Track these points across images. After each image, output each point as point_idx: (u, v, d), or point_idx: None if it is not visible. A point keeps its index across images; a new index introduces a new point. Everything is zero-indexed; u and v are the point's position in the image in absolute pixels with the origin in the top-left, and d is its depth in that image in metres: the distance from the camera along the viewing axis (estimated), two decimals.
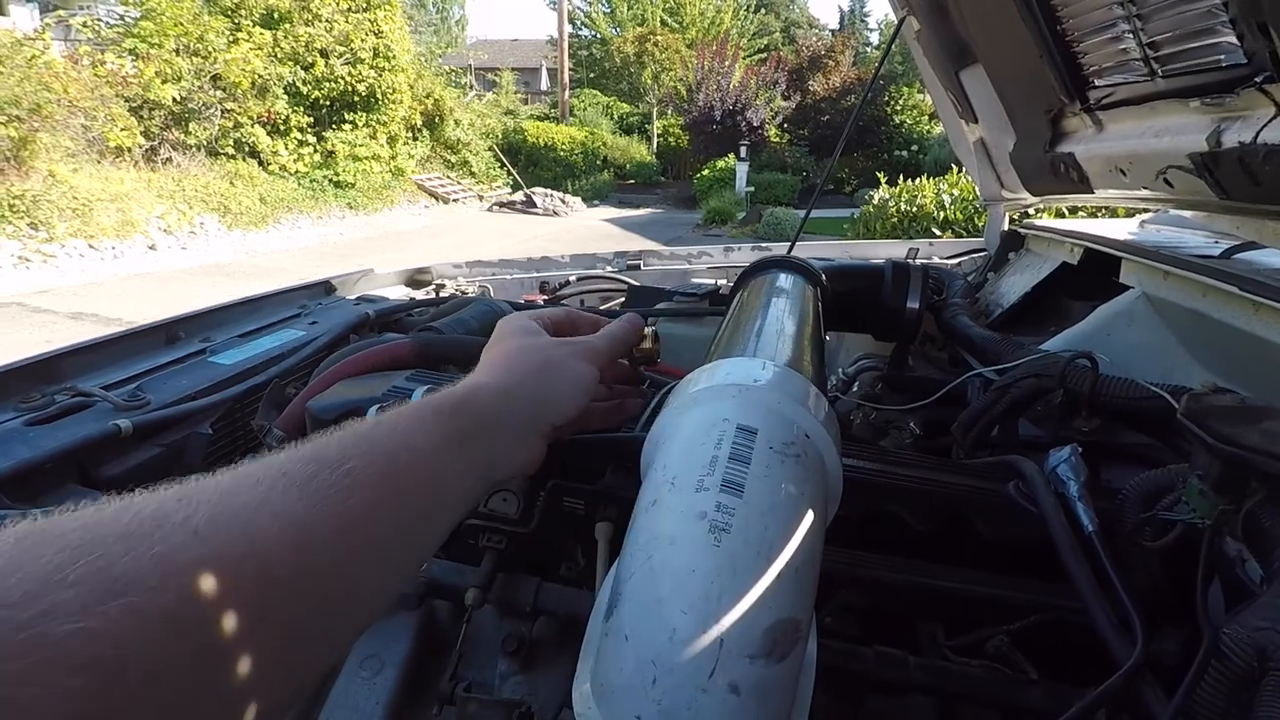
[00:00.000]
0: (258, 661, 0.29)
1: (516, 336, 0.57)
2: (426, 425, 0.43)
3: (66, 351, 0.97)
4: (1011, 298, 1.34)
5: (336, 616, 0.35)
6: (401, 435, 0.41)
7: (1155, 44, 0.91)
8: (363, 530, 0.36)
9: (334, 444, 0.38)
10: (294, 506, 0.33)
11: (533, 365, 0.54)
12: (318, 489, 0.35)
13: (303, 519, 0.33)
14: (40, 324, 5.92)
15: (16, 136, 7.90)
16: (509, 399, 0.50)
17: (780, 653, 0.39)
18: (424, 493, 0.41)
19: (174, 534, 0.28)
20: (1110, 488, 0.65)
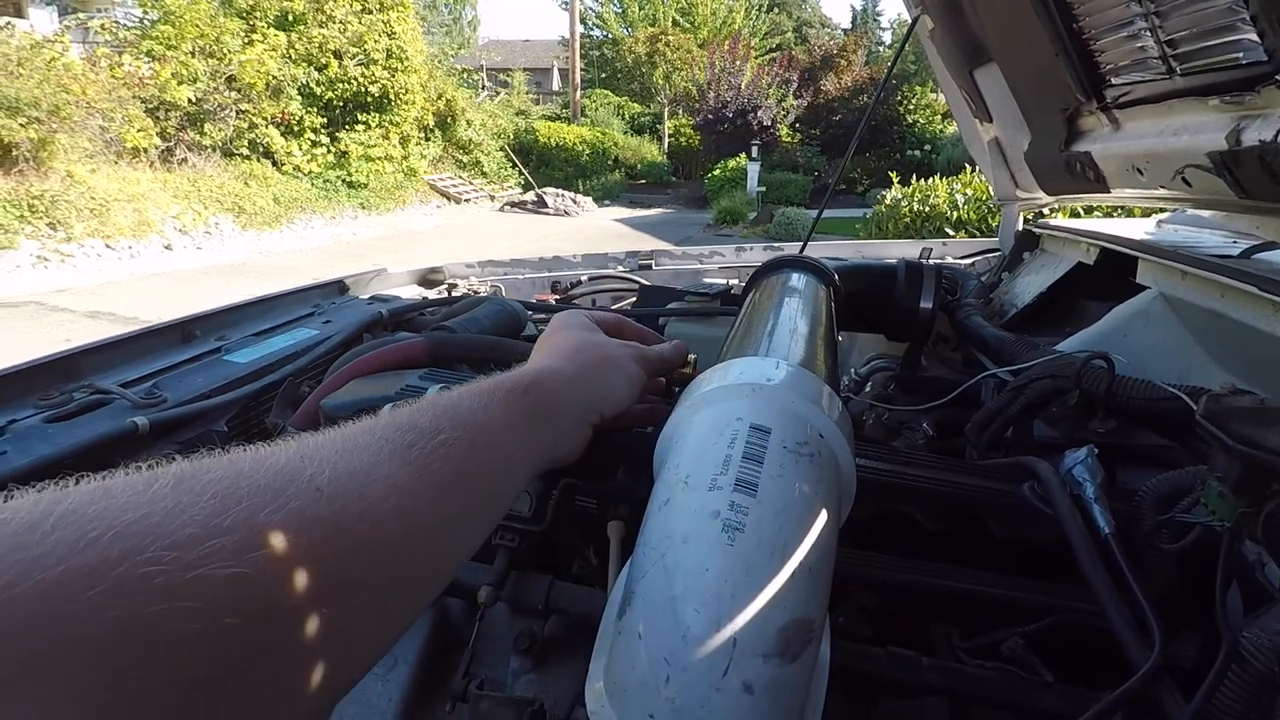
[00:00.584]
0: (363, 615, 0.31)
1: (577, 330, 0.61)
2: (502, 404, 0.45)
3: (85, 350, 0.98)
4: (1026, 298, 1.33)
5: (422, 580, 0.37)
6: (482, 411, 0.43)
7: (1173, 42, 0.90)
8: (453, 499, 0.38)
9: (427, 414, 0.40)
10: (398, 473, 0.35)
11: (594, 358, 0.57)
12: (416, 457, 0.37)
13: (405, 486, 0.35)
14: (58, 323, 6.00)
15: (36, 138, 8.01)
16: (573, 386, 0.53)
17: (794, 652, 0.39)
18: (500, 468, 0.44)
19: (303, 491, 0.29)
20: (1127, 489, 0.64)
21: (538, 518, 0.59)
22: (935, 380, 1.08)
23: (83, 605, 0.21)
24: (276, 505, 0.28)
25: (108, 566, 0.22)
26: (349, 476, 0.32)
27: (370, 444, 0.36)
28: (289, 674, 0.27)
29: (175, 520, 0.24)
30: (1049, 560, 0.62)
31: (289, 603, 0.27)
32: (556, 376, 0.52)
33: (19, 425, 0.79)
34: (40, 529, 0.22)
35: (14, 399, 0.86)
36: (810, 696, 0.41)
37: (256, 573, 0.25)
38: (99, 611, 0.21)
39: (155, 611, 0.22)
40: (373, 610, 0.32)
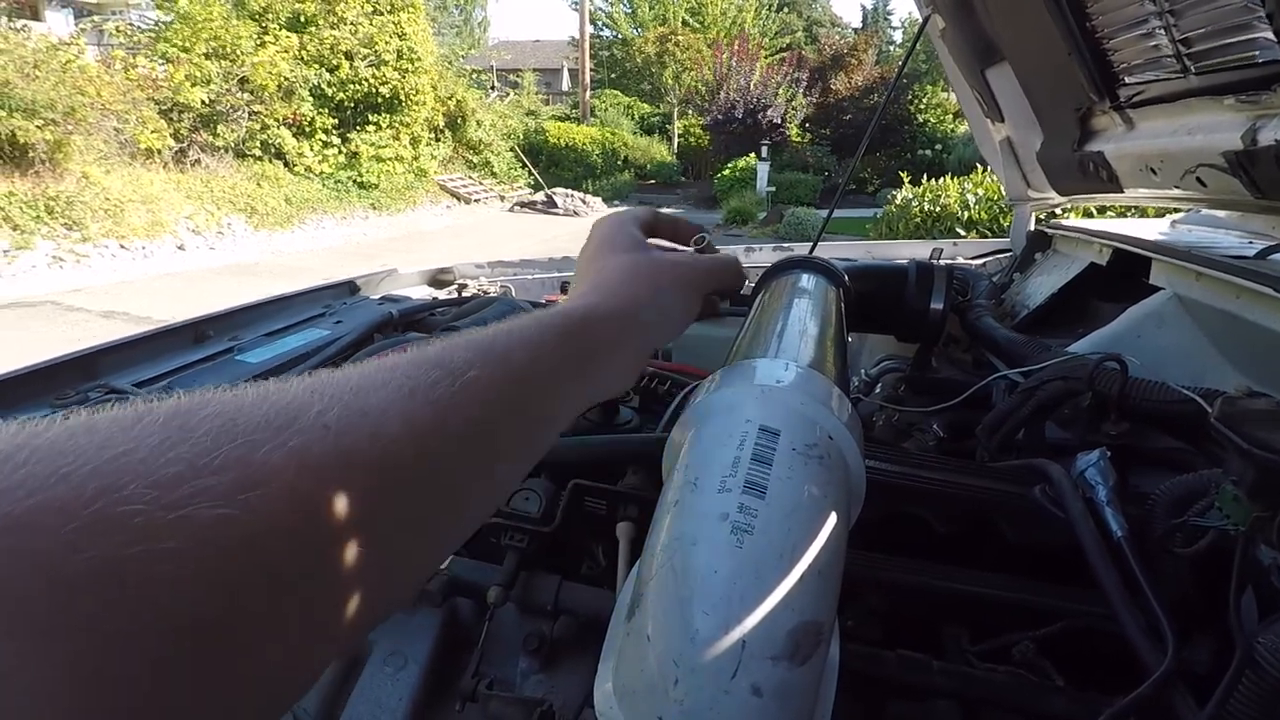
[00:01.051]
0: (375, 558, 0.29)
1: (625, 251, 0.56)
2: (547, 344, 0.43)
3: (99, 350, 0.99)
4: (1038, 299, 1.32)
5: (441, 526, 0.36)
6: (522, 350, 0.41)
7: (1188, 40, 0.89)
8: (480, 442, 0.37)
9: (460, 351, 0.38)
10: (419, 411, 0.33)
11: (647, 291, 0.53)
12: (441, 395, 0.35)
13: (424, 425, 0.33)
14: (73, 322, 6.06)
15: (52, 139, 8.10)
16: (624, 325, 0.50)
17: (803, 655, 0.39)
18: (540, 409, 0.42)
19: (308, 428, 0.27)
20: (1139, 493, 0.63)
21: (547, 519, 0.59)
22: (946, 382, 1.08)
23: (54, 543, 0.20)
24: (277, 443, 0.26)
25: (81, 504, 0.21)
26: (361, 415, 0.30)
27: (390, 380, 0.33)
28: (285, 621, 0.26)
29: (161, 458, 0.23)
30: (1060, 563, 0.62)
31: (283, 548, 0.25)
32: (606, 316, 0.49)
33: None
34: (12, 461, 0.21)
35: (30, 398, 0.87)
36: (819, 699, 0.41)
37: (246, 514, 0.24)
38: (71, 550, 0.20)
39: (134, 553, 0.21)
40: (384, 556, 0.30)
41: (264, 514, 0.24)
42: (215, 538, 0.23)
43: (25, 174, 8.10)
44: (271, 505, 0.25)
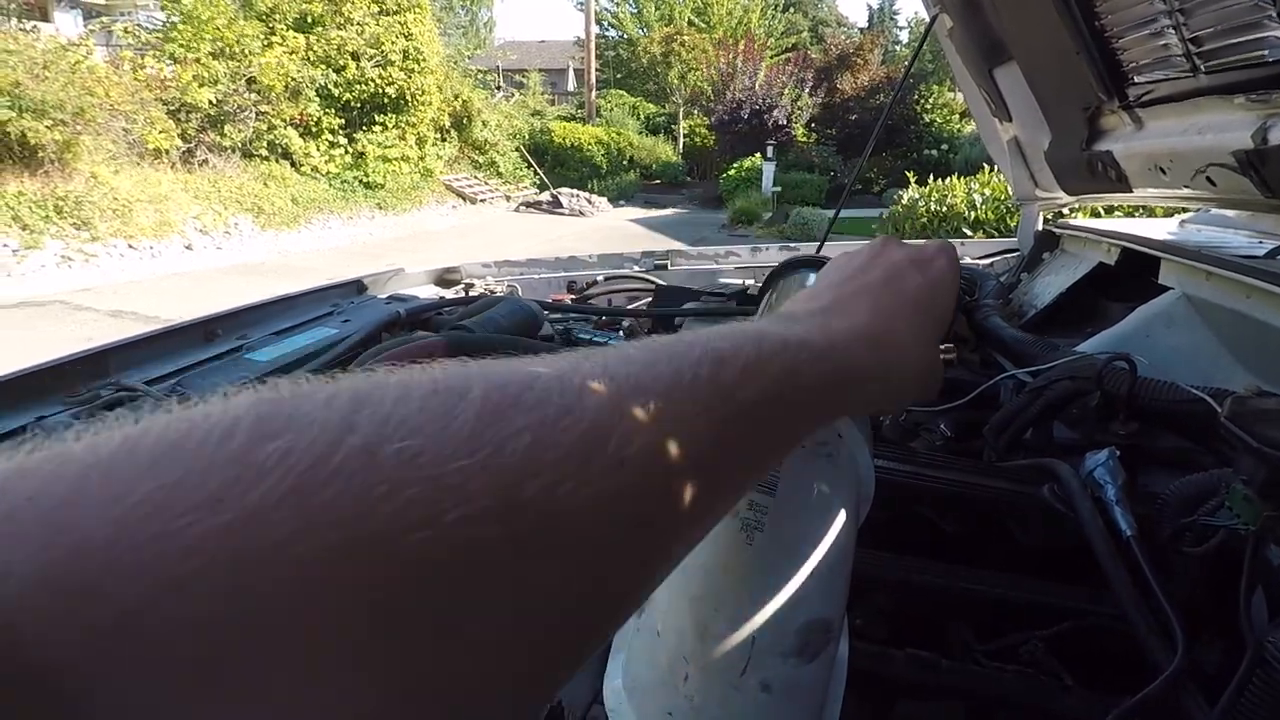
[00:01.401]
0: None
1: (917, 313, 0.46)
2: (799, 377, 0.34)
3: (110, 348, 1.00)
4: (1046, 298, 1.32)
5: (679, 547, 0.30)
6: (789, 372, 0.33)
7: (1198, 39, 0.89)
8: (735, 482, 0.32)
9: (755, 383, 0.31)
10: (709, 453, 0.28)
11: (918, 373, 0.44)
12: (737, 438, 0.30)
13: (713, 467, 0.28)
14: (82, 321, 6.10)
15: (61, 139, 8.15)
16: (884, 395, 0.42)
17: (812, 652, 0.39)
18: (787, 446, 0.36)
19: (607, 465, 0.24)
20: (1148, 492, 0.63)
21: None
22: (953, 381, 1.07)
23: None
24: (581, 478, 0.22)
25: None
26: (660, 452, 0.26)
27: (688, 414, 0.28)
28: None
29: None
30: (1068, 563, 0.62)
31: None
32: (869, 381, 0.39)
33: (47, 422, 0.81)
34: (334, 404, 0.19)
35: (41, 395, 0.87)
36: (828, 697, 0.41)
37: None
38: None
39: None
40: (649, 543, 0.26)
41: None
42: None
43: (35, 174, 8.16)
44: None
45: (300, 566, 0.16)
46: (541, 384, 0.24)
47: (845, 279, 0.46)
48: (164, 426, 0.18)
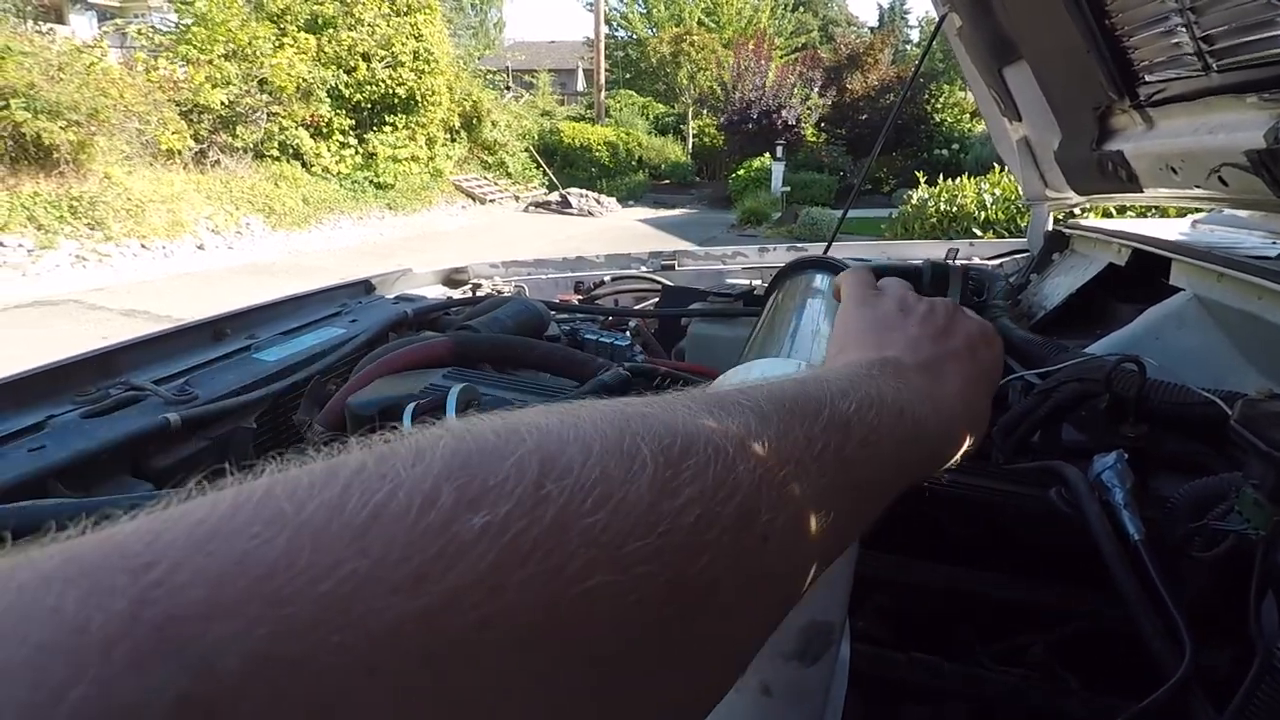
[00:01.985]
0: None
1: (992, 388, 0.46)
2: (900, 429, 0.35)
3: (120, 347, 1.01)
4: (1055, 299, 1.31)
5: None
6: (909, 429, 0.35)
7: (1210, 38, 0.88)
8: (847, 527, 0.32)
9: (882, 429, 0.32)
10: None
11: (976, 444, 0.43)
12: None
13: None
14: (96, 320, 6.16)
15: (76, 140, 8.23)
16: (938, 449, 0.40)
17: (813, 654, 0.38)
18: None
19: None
20: (1157, 496, 0.63)
21: None
22: None
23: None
24: (734, 554, 0.23)
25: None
26: (798, 519, 0.26)
27: (818, 489, 0.28)
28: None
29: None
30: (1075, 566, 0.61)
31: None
32: (958, 440, 0.40)
33: (58, 420, 0.82)
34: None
35: (53, 394, 0.88)
36: (829, 700, 0.41)
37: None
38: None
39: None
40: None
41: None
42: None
43: (50, 175, 8.24)
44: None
45: (490, 654, 0.16)
46: (699, 447, 0.23)
47: (932, 336, 0.45)
48: (364, 484, 0.17)
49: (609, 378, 0.71)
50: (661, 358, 1.29)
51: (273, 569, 0.15)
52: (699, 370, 0.95)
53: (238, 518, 0.16)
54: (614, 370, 0.73)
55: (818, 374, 0.36)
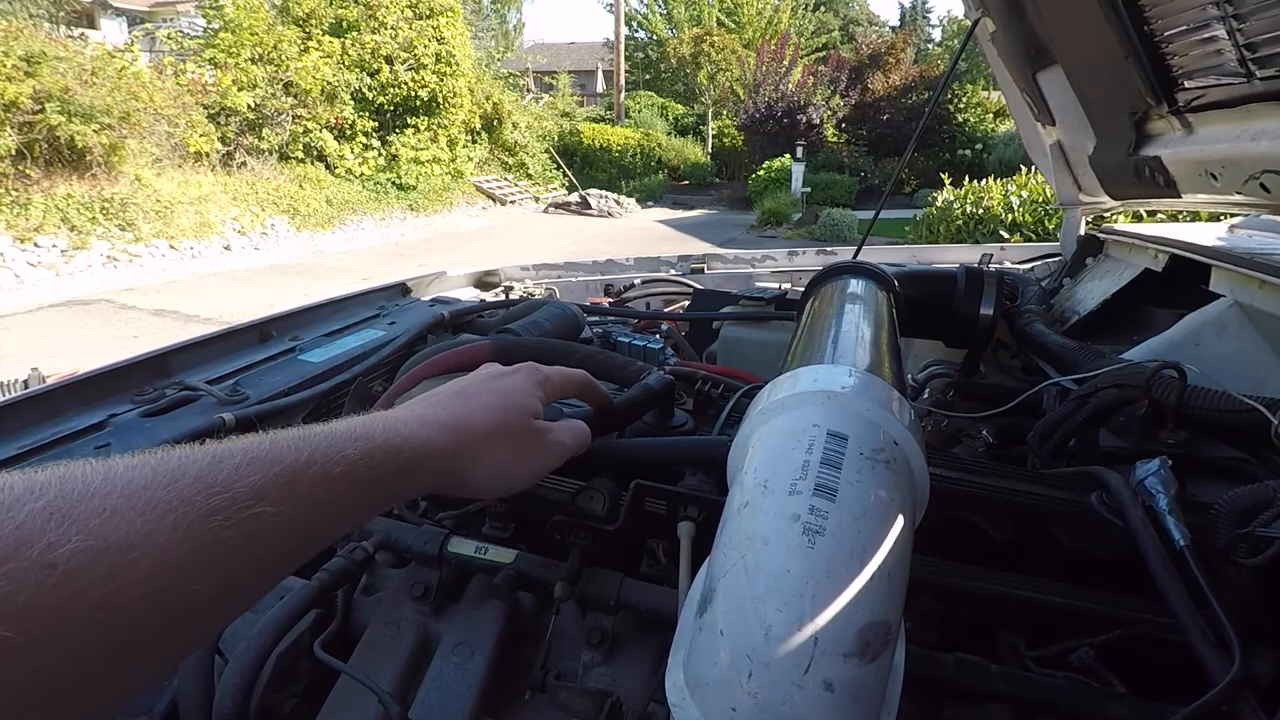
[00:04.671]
0: (81, 704, 0.27)
1: (510, 412, 0.55)
2: (358, 488, 0.40)
3: (172, 349, 1.04)
4: (1089, 304, 1.31)
5: (162, 662, 0.33)
6: (327, 491, 0.38)
7: (1253, 45, 0.87)
8: (237, 584, 0.34)
9: (255, 475, 0.35)
10: (176, 547, 0.30)
11: (502, 458, 0.52)
12: (212, 530, 0.32)
13: (180, 564, 0.30)
14: (127, 320, 6.28)
15: (107, 143, 8.39)
16: (448, 479, 0.49)
17: (873, 653, 0.40)
18: (306, 551, 0.39)
19: (29, 568, 0.25)
20: (1199, 502, 0.63)
21: (611, 517, 0.61)
22: (995, 388, 1.07)
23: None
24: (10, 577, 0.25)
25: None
26: (100, 552, 0.27)
27: (160, 502, 0.30)
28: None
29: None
30: (1115, 572, 0.62)
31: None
32: (439, 465, 0.47)
33: (119, 419, 0.85)
34: None
35: (112, 394, 0.92)
36: (886, 699, 0.42)
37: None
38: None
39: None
40: (92, 697, 0.28)
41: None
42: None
43: (83, 177, 8.42)
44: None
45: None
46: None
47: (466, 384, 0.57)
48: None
49: (654, 382, 0.73)
50: (693, 360, 1.31)
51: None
52: (733, 374, 0.96)
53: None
54: (659, 374, 0.75)
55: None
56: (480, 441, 0.51)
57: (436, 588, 0.65)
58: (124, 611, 0.28)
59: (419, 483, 0.47)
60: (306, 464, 0.38)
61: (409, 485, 0.46)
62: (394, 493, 0.45)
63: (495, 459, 0.51)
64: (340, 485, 0.39)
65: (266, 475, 0.35)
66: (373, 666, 0.61)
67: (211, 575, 0.32)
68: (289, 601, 0.60)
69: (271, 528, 0.35)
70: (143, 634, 0.29)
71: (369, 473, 0.41)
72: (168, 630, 0.30)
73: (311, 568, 0.63)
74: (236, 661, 0.56)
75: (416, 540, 0.65)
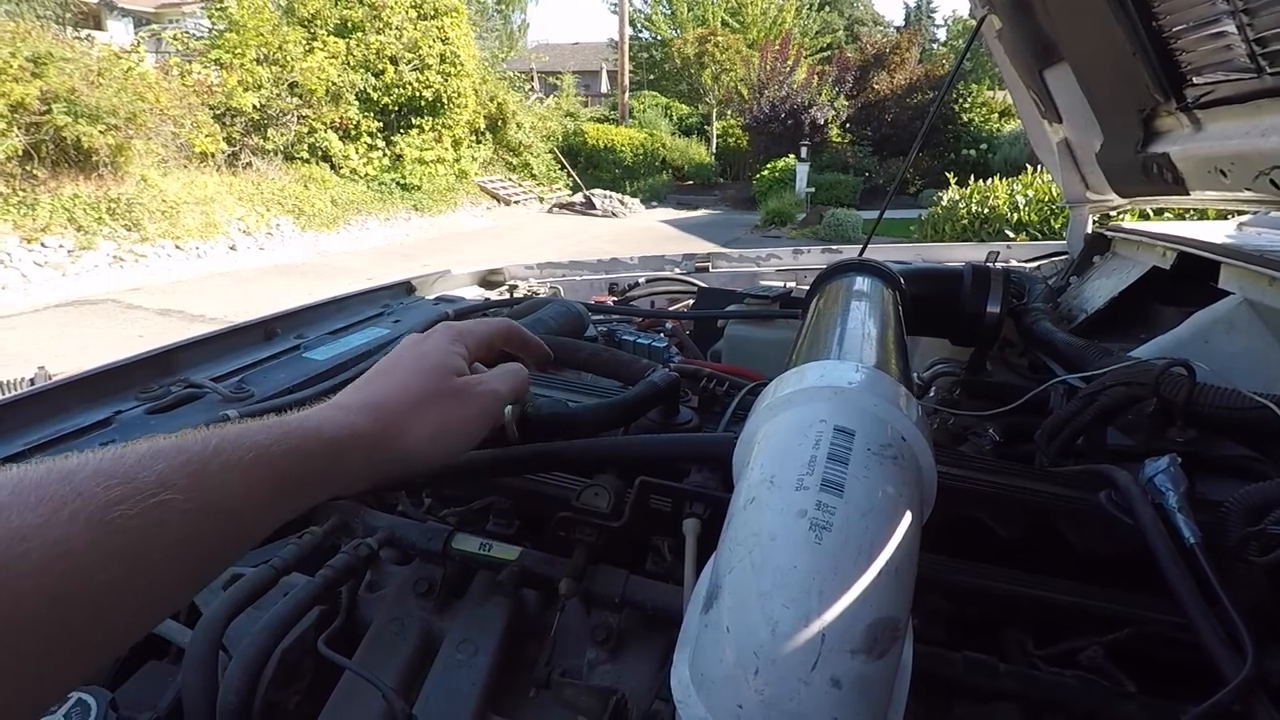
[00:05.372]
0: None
1: (426, 375, 0.54)
2: (257, 467, 0.39)
3: (178, 347, 1.04)
4: (1097, 302, 1.30)
5: (79, 656, 0.31)
6: (228, 473, 0.37)
7: (1263, 40, 0.87)
8: (155, 574, 0.33)
9: (159, 463, 0.34)
10: (75, 541, 0.29)
11: (431, 425, 0.51)
12: (114, 520, 0.30)
13: (81, 558, 0.29)
14: (132, 320, 6.30)
15: (114, 144, 8.42)
16: (375, 456, 0.47)
17: (880, 650, 0.39)
18: (234, 541, 0.38)
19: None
20: (1209, 500, 0.62)
21: (616, 514, 0.61)
22: (1001, 386, 1.07)
23: None
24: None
25: None
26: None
27: (55, 495, 0.29)
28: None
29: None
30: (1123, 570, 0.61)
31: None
32: (364, 444, 0.46)
33: (124, 416, 0.85)
34: None
35: (118, 391, 0.92)
36: (894, 696, 0.42)
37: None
38: None
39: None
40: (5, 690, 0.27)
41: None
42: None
43: (89, 177, 8.45)
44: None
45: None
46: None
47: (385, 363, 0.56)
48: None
49: (659, 379, 0.73)
50: (698, 359, 1.31)
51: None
52: (738, 372, 0.96)
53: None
54: (664, 372, 0.74)
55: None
56: (404, 413, 0.50)
57: (441, 584, 0.65)
58: (19, 605, 0.27)
59: (351, 467, 0.46)
60: (215, 451, 0.37)
61: (339, 471, 0.45)
62: (323, 479, 0.44)
63: (424, 425, 0.50)
64: (256, 471, 0.38)
65: (171, 464, 0.34)
66: (377, 663, 0.61)
67: (119, 567, 0.30)
68: (293, 598, 0.60)
69: (182, 515, 0.33)
70: (45, 631, 0.28)
71: (286, 459, 0.40)
72: (73, 626, 0.29)
73: (315, 564, 0.63)
74: (240, 657, 0.56)
75: (421, 537, 0.65)
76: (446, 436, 0.52)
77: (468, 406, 0.54)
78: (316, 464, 0.43)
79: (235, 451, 0.38)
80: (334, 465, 0.44)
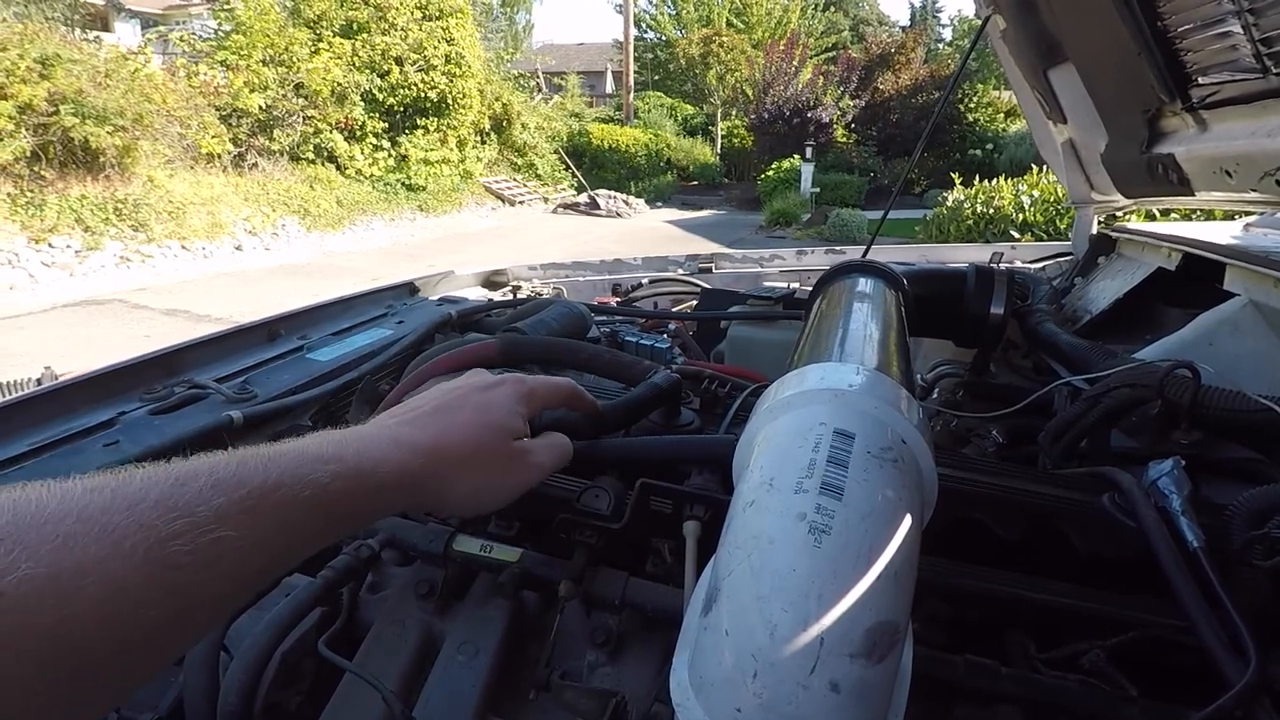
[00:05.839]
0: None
1: (493, 430, 0.54)
2: (317, 511, 0.40)
3: (182, 348, 1.05)
4: (1101, 304, 1.29)
5: (127, 680, 0.32)
6: (298, 513, 0.38)
7: (1269, 40, 0.86)
8: (192, 612, 0.33)
9: (216, 501, 0.34)
10: (131, 574, 0.29)
11: (482, 479, 0.52)
12: (171, 555, 0.31)
13: (133, 591, 0.30)
14: (139, 319, 6.33)
15: (121, 144, 8.46)
16: (422, 496, 0.49)
17: (879, 654, 0.39)
18: (279, 569, 0.39)
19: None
20: (1213, 503, 0.62)
21: (616, 516, 0.61)
22: (1005, 387, 1.06)
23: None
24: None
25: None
26: (51, 579, 0.27)
27: (116, 528, 0.30)
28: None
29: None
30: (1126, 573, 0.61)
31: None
32: (414, 486, 0.47)
33: (129, 417, 0.85)
34: None
35: (122, 392, 0.92)
36: (893, 700, 0.42)
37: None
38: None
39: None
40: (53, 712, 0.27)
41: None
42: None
43: (96, 178, 8.49)
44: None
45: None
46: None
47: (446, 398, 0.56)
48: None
49: (661, 380, 0.73)
50: (701, 360, 1.30)
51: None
52: (740, 373, 0.95)
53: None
54: (665, 373, 0.74)
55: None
56: (455, 464, 0.50)
57: (441, 586, 0.65)
58: (74, 640, 0.27)
59: (391, 504, 0.47)
60: (274, 487, 0.37)
61: (381, 507, 0.46)
62: (369, 516, 0.45)
63: (470, 482, 0.51)
64: (309, 508, 0.39)
65: (230, 498, 0.35)
66: (377, 664, 0.61)
67: (169, 601, 0.31)
68: (294, 599, 0.60)
69: (235, 552, 0.34)
70: (93, 663, 0.29)
71: (340, 496, 0.41)
72: (121, 658, 0.30)
73: (316, 565, 0.63)
74: (242, 658, 0.56)
75: (422, 538, 0.65)
76: (486, 494, 0.53)
77: (513, 475, 0.55)
78: (367, 504, 0.44)
79: (294, 487, 0.38)
80: (382, 504, 0.46)
